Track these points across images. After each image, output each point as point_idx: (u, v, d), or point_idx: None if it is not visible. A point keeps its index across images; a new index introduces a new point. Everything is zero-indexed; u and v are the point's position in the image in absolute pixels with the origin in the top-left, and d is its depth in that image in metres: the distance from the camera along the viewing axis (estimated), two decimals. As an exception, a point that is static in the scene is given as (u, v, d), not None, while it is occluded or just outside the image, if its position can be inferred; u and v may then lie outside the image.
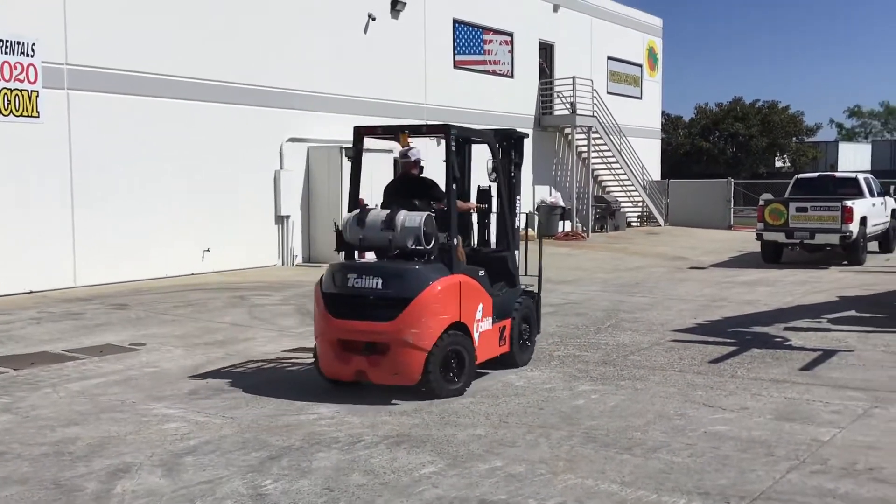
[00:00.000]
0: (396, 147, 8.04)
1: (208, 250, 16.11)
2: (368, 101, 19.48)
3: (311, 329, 10.44)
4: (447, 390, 7.04)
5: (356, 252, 7.54)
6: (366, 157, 8.14)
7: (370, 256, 7.58)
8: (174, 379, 7.92)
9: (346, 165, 17.70)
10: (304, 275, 16.10)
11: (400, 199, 7.46)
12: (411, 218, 7.13)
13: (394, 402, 6.90)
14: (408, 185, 7.76)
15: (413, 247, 7.08)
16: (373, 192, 18.91)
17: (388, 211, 7.24)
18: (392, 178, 8.76)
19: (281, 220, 17.65)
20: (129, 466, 5.46)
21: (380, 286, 6.92)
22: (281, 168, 17.56)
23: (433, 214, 7.25)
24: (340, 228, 7.39)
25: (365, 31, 19.34)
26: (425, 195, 7.60)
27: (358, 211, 7.35)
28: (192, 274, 15.79)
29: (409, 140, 7.62)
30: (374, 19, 19.39)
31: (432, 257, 7.15)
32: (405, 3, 20.19)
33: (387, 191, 7.87)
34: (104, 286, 14.16)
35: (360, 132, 8.05)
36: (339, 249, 7.53)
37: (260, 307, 12.25)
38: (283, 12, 17.55)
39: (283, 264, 17.71)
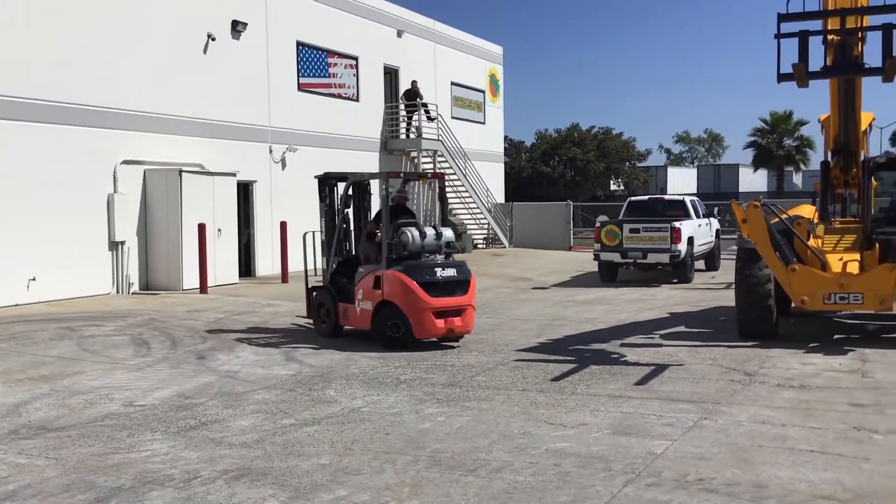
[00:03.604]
0: (239, 172, 12.69)
1: (34, 279, 15.09)
2: (210, 122, 18.94)
3: (146, 360, 10.03)
4: None
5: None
6: (211, 179, 9.08)
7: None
8: (-8, 419, 7.32)
9: (186, 189, 17.16)
10: (140, 303, 15.38)
11: (400, 218, 11.16)
12: (449, 233, 11.37)
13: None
14: (401, 210, 11.43)
15: (450, 250, 11.31)
16: (215, 208, 18.35)
17: (435, 230, 11.15)
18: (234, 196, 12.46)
19: (115, 245, 16.80)
20: (-65, 518, 4.98)
21: (455, 274, 10.79)
22: (115, 191, 16.74)
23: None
24: (410, 243, 10.85)
25: (205, 51, 18.82)
26: (410, 215, 11.57)
27: (418, 232, 10.95)
28: (16, 305, 14.73)
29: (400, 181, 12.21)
30: (213, 39, 18.90)
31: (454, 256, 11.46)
32: (246, 24, 19.81)
33: (390, 210, 11.18)
34: (-87, 320, 13.00)
35: (391, 175, 11.67)
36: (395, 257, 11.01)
37: (91, 339, 11.57)
38: (118, 29, 16.80)
39: (117, 292, 16.85)
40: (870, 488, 5.36)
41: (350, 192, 11.82)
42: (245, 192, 19.96)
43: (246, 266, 19.92)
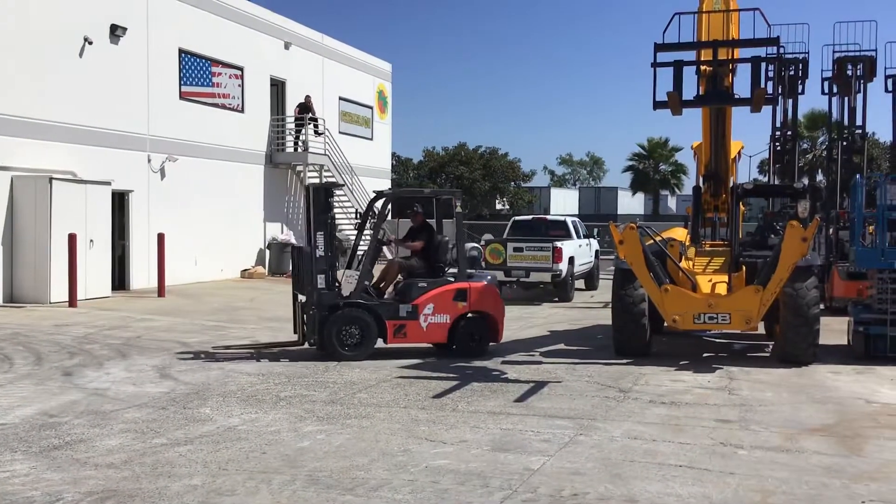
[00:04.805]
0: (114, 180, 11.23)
1: None
2: (85, 129, 18.18)
3: (8, 376, 9.50)
4: None
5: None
6: (84, 187, 8.36)
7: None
8: None
9: (56, 197, 16.41)
10: (3, 317, 14.55)
11: (423, 234, 11.99)
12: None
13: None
14: (421, 228, 12.10)
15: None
16: (87, 217, 17.68)
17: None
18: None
19: (-23, 255, 15.90)
20: None
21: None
22: (-22, 198, 15.87)
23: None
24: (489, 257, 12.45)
25: (81, 54, 18.08)
26: (433, 231, 12.13)
27: (473, 248, 12.25)
28: None
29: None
30: (90, 43, 18.18)
31: None
32: (126, 29, 19.15)
33: (412, 230, 12.24)
34: None
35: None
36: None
37: (-53, 353, 10.87)
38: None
39: (-21, 305, 15.92)
40: (735, 502, 5.58)
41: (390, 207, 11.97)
42: (121, 201, 19.25)
43: (120, 279, 19.18)
